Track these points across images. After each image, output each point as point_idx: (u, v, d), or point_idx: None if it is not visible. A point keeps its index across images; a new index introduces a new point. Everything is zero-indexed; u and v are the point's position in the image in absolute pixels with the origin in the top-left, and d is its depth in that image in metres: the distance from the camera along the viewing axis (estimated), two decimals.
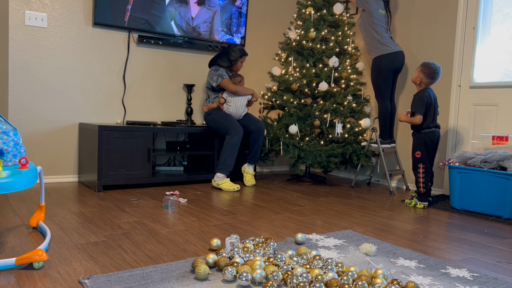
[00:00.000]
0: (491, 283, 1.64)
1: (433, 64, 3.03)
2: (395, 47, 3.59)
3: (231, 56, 3.62)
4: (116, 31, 3.61)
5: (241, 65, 3.72)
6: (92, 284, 1.45)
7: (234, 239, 1.93)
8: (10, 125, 1.92)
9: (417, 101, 3.03)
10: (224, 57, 3.64)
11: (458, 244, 2.17)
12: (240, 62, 3.68)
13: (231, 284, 1.52)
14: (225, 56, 3.64)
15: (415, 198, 3.09)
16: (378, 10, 3.62)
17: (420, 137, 3.06)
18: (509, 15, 3.29)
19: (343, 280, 1.49)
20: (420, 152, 3.05)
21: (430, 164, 3.09)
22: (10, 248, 1.81)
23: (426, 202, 3.05)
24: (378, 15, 3.61)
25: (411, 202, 3.09)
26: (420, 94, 3.04)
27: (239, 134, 3.41)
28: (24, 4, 3.21)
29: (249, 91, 3.58)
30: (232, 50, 3.63)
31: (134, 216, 2.43)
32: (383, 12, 3.66)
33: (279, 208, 2.81)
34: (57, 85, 3.39)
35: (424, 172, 3.05)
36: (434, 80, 3.04)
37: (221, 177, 3.40)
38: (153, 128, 3.36)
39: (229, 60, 3.63)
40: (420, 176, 3.06)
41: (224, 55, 3.64)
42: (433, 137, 3.07)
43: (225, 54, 3.64)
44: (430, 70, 3.01)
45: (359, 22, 3.79)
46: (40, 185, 2.05)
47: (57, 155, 3.43)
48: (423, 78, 3.05)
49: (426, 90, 3.06)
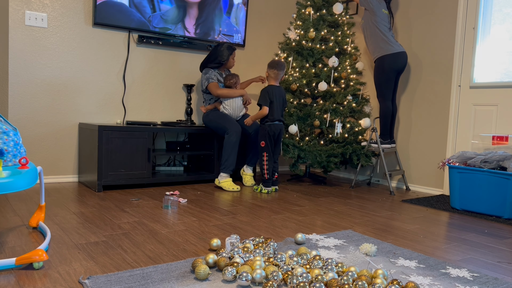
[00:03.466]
0: (491, 283, 1.64)
1: (276, 59, 3.62)
2: (398, 47, 3.59)
3: (220, 58, 3.63)
4: (116, 31, 3.61)
5: (233, 61, 3.73)
6: (92, 284, 1.45)
7: (234, 239, 1.93)
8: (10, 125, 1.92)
9: (262, 95, 3.37)
10: (212, 58, 3.65)
11: (458, 244, 2.17)
12: (232, 58, 3.69)
13: (231, 284, 1.52)
14: (214, 57, 3.65)
15: (260, 184, 3.41)
16: (381, 10, 3.62)
17: (264, 128, 3.38)
18: (509, 15, 3.29)
19: (343, 280, 1.49)
20: (264, 141, 3.37)
21: (273, 154, 3.42)
22: (10, 248, 1.81)
23: (270, 187, 3.37)
24: (381, 15, 3.61)
25: (258, 188, 3.40)
26: (266, 89, 3.38)
27: (237, 133, 3.42)
28: (24, 4, 3.21)
29: (238, 93, 3.57)
30: (220, 51, 3.63)
31: (134, 216, 2.43)
32: (386, 12, 3.66)
33: (279, 208, 2.81)
34: (57, 85, 3.39)
35: (268, 160, 3.37)
36: (276, 70, 3.36)
37: (224, 176, 3.42)
38: (153, 128, 3.36)
39: (219, 61, 3.64)
40: (264, 163, 3.37)
41: (212, 57, 3.65)
42: (275, 130, 3.38)
43: (213, 55, 3.65)
44: (272, 62, 3.40)
45: (362, 22, 3.78)
46: (40, 185, 2.05)
47: (57, 155, 3.43)
48: (269, 71, 3.40)
49: (272, 86, 3.38)
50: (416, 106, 3.84)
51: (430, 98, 3.73)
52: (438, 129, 3.67)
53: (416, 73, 3.83)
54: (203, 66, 3.72)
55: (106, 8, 3.45)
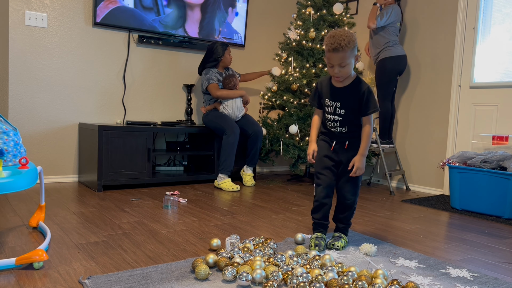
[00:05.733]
0: (491, 283, 1.64)
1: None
2: (401, 51, 3.62)
3: (216, 55, 3.66)
4: (116, 31, 3.61)
5: (229, 57, 3.72)
6: (92, 284, 1.45)
7: (234, 239, 1.93)
8: (10, 125, 1.92)
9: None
10: (209, 58, 3.68)
11: (458, 244, 2.17)
12: (228, 54, 3.70)
13: (231, 284, 1.52)
14: (210, 56, 3.68)
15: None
16: (396, 23, 3.64)
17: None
18: (509, 15, 3.29)
19: (343, 280, 1.49)
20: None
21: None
22: (10, 248, 1.81)
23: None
24: (393, 27, 3.64)
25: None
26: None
27: (235, 133, 3.42)
28: (24, 4, 3.21)
29: (238, 94, 3.57)
30: (214, 49, 3.66)
31: (134, 216, 2.43)
32: (398, 25, 3.68)
33: (279, 208, 2.81)
34: (57, 85, 3.39)
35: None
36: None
37: (222, 177, 3.42)
38: (153, 128, 3.36)
39: (215, 59, 3.66)
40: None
41: (209, 57, 3.68)
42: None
43: (209, 54, 3.69)
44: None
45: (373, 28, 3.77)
46: (40, 185, 2.05)
47: (57, 155, 3.43)
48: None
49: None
50: (416, 106, 3.84)
51: (430, 98, 3.73)
52: (438, 129, 3.67)
53: (416, 73, 3.83)
54: (202, 67, 3.73)
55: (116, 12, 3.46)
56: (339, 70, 1.88)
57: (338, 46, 1.82)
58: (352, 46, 1.85)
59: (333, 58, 1.86)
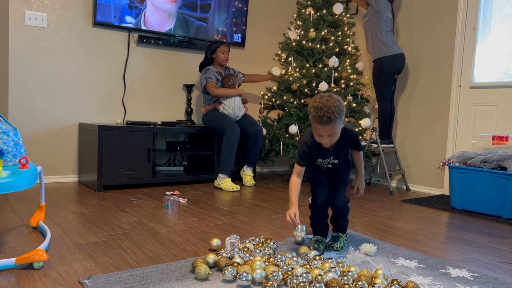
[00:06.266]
0: (491, 283, 1.64)
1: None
2: (397, 49, 3.60)
3: (209, 54, 3.69)
4: (116, 31, 3.61)
5: (223, 56, 3.67)
6: (92, 284, 1.45)
7: (234, 239, 1.92)
8: (10, 125, 1.92)
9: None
10: (206, 57, 3.72)
11: (458, 244, 2.17)
12: (220, 52, 3.66)
13: (231, 284, 1.52)
14: (206, 55, 3.72)
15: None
16: (386, 13, 3.61)
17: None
18: (509, 15, 3.29)
19: (343, 280, 1.49)
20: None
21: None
22: (10, 248, 1.81)
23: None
24: (385, 17, 3.61)
25: None
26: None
27: (235, 133, 3.42)
28: (24, 4, 3.21)
29: (236, 93, 3.58)
30: (208, 47, 3.70)
31: (134, 216, 2.43)
32: (390, 16, 3.66)
33: (279, 208, 2.81)
34: (57, 85, 3.39)
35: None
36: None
37: (222, 177, 3.42)
38: (153, 128, 3.36)
39: (210, 58, 3.70)
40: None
41: (206, 56, 3.72)
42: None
43: (206, 54, 3.72)
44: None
45: (365, 20, 3.75)
46: (40, 185, 2.05)
47: (57, 155, 3.43)
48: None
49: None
50: (416, 106, 3.84)
51: (430, 98, 3.73)
52: (438, 129, 3.67)
53: (416, 73, 3.83)
54: (202, 66, 3.75)
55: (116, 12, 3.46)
56: (329, 140, 1.78)
57: (328, 120, 1.69)
58: (341, 115, 1.72)
59: (321, 130, 1.74)
